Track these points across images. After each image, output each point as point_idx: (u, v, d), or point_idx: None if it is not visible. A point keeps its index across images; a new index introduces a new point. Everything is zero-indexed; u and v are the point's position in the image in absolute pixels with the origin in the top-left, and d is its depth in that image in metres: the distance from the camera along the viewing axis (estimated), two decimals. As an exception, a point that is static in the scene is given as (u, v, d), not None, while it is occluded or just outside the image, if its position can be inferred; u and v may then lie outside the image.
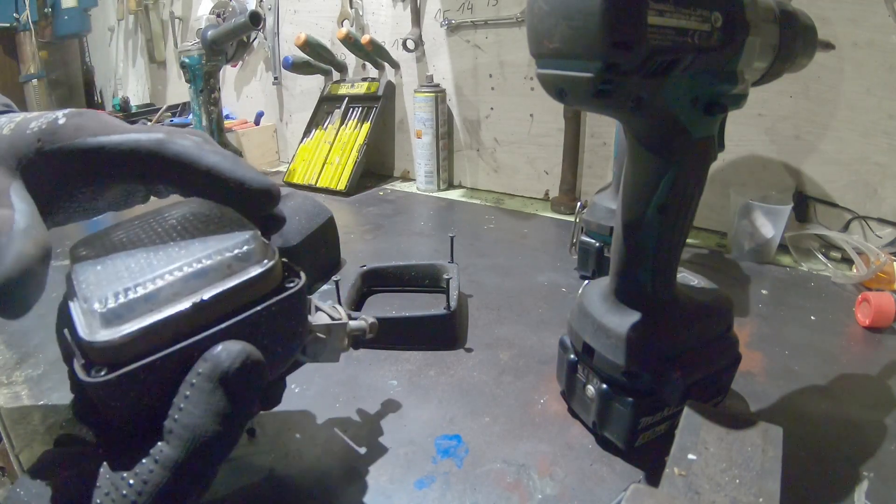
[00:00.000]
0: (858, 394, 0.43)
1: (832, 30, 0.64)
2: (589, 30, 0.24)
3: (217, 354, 0.23)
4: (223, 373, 0.23)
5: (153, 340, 0.23)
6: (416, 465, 0.36)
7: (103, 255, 0.28)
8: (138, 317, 0.23)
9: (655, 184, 0.32)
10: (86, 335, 0.23)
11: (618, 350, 0.34)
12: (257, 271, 0.26)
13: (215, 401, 0.23)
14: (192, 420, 0.22)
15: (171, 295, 0.24)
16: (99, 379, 0.22)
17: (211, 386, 0.23)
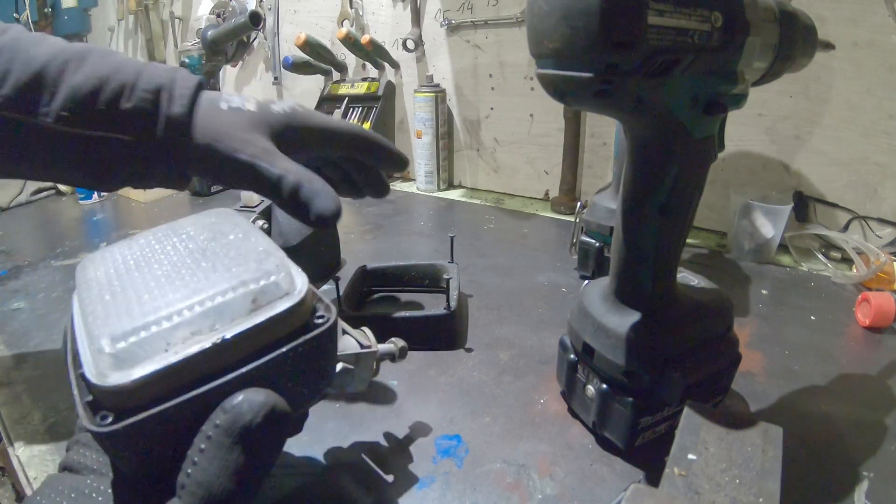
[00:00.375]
0: (858, 394, 0.43)
1: (832, 30, 0.64)
2: (589, 30, 0.24)
3: (238, 406, 0.21)
4: (244, 427, 0.21)
5: (168, 384, 0.21)
6: (417, 465, 0.36)
7: (113, 280, 0.25)
8: (152, 358, 0.21)
9: (655, 184, 0.32)
10: (93, 376, 0.21)
11: (618, 350, 0.34)
12: (285, 306, 0.23)
13: (233, 458, 0.20)
14: (207, 477, 0.20)
15: (188, 333, 0.22)
16: (105, 429, 0.20)
17: (229, 441, 0.20)
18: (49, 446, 0.39)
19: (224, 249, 0.26)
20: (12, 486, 0.39)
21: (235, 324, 0.22)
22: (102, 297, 0.24)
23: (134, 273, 0.25)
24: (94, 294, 0.24)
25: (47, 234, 0.88)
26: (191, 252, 0.26)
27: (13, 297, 0.63)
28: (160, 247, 0.27)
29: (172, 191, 0.49)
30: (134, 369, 0.20)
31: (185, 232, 0.28)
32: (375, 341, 0.32)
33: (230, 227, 0.28)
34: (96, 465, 0.24)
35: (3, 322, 0.57)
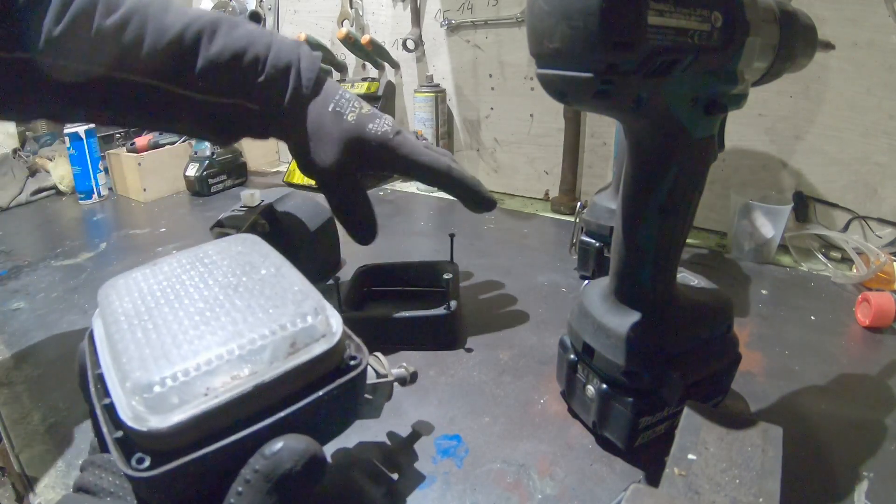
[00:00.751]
0: (858, 394, 0.43)
1: (832, 30, 0.64)
2: (589, 30, 0.24)
3: (278, 453, 0.21)
4: (283, 475, 0.21)
5: (206, 428, 0.21)
6: (417, 465, 0.36)
7: (143, 314, 0.25)
8: (190, 402, 0.21)
9: (655, 184, 0.32)
10: (129, 419, 0.20)
11: (618, 350, 0.34)
12: (322, 349, 0.24)
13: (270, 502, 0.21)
14: None
15: (228, 378, 0.22)
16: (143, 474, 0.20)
17: (268, 486, 0.21)
18: (49, 446, 0.39)
19: (258, 287, 0.26)
20: (12, 486, 0.40)
21: (274, 367, 0.22)
22: (134, 333, 0.23)
23: (164, 308, 0.25)
24: (123, 328, 0.24)
25: (47, 234, 0.88)
26: (223, 288, 0.26)
27: (13, 297, 0.63)
28: (188, 277, 0.27)
29: (172, 191, 0.58)
30: (172, 414, 0.20)
31: (211, 261, 0.28)
32: (389, 368, 0.32)
33: (260, 260, 0.28)
34: (113, 488, 0.24)
35: (3, 322, 0.57)
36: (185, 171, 1.02)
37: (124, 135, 1.25)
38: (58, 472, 0.36)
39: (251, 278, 0.27)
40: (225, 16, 0.42)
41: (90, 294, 0.62)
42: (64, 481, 0.36)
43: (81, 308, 0.59)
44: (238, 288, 0.26)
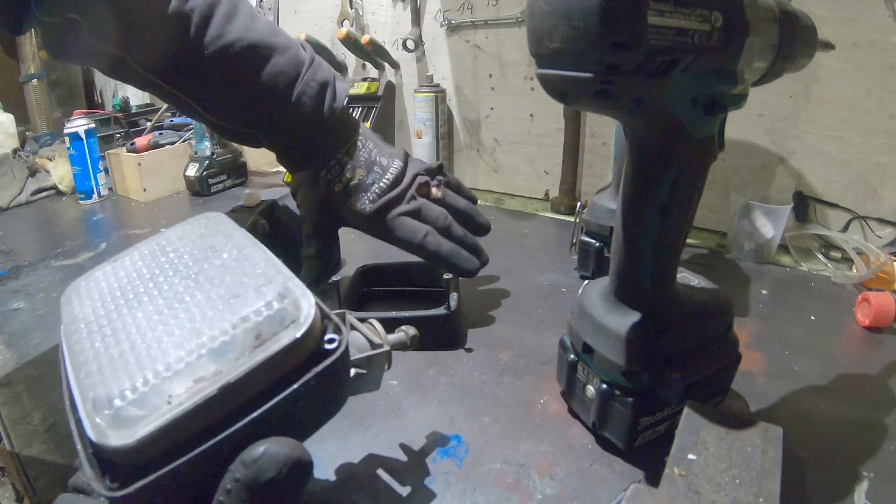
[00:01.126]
0: (858, 394, 0.43)
1: (832, 30, 0.64)
2: (589, 30, 0.24)
3: (259, 460, 0.20)
4: (266, 483, 0.19)
5: (176, 437, 0.20)
6: (417, 464, 0.36)
7: (102, 320, 0.23)
8: (154, 413, 0.19)
9: (655, 184, 0.32)
10: (94, 436, 0.20)
11: (618, 350, 0.34)
12: (291, 337, 0.22)
13: None
14: None
15: (191, 382, 0.20)
16: (115, 493, 0.19)
17: (249, 496, 0.19)
18: (49, 446, 0.39)
19: (219, 274, 0.24)
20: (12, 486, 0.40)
21: (240, 363, 0.21)
22: (93, 343, 0.22)
23: (123, 310, 0.23)
24: (83, 338, 0.23)
25: (47, 234, 0.88)
26: (183, 279, 0.24)
27: (13, 297, 0.63)
28: (148, 271, 0.25)
29: (172, 191, 0.61)
30: (136, 428, 0.19)
31: (173, 249, 0.26)
32: (385, 335, 0.30)
33: (223, 242, 0.26)
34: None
35: (3, 322, 0.57)
36: (185, 171, 1.02)
37: (124, 135, 1.25)
38: (58, 472, 0.36)
39: (212, 265, 0.25)
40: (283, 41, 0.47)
41: (90, 294, 0.62)
42: (64, 481, 0.36)
43: (81, 308, 0.59)
44: (199, 278, 0.24)
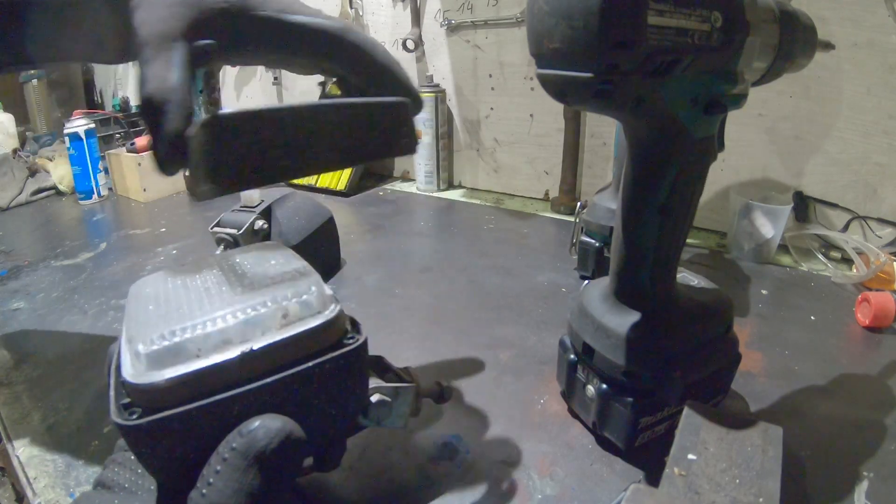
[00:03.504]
0: (858, 394, 0.43)
1: (832, 30, 0.64)
2: (589, 30, 0.24)
3: (254, 431, 0.21)
4: (259, 451, 0.21)
5: (196, 389, 0.22)
6: (416, 464, 0.36)
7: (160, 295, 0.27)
8: (183, 362, 0.22)
9: (655, 184, 0.32)
10: (129, 375, 0.22)
11: (618, 350, 0.34)
12: (315, 323, 0.25)
13: (248, 480, 0.21)
14: (221, 499, 0.20)
15: (220, 342, 0.23)
16: (129, 422, 0.21)
17: (244, 464, 0.21)
18: (49, 446, 0.39)
19: (263, 271, 0.28)
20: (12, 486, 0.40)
21: (265, 337, 0.23)
22: (147, 307, 0.25)
23: (180, 290, 0.27)
24: (140, 305, 0.26)
25: (47, 234, 0.88)
26: (234, 272, 0.28)
27: (13, 297, 0.63)
28: (207, 269, 0.29)
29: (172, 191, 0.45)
30: (165, 370, 0.22)
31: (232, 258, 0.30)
32: (418, 379, 0.32)
33: (273, 254, 0.30)
34: (128, 484, 0.24)
35: (3, 322, 0.57)
36: (184, 172, 1.01)
37: (124, 135, 1.25)
38: (58, 472, 0.36)
39: (261, 266, 0.28)
40: None
41: (90, 294, 0.62)
42: (64, 481, 0.36)
43: (81, 308, 0.59)
44: (246, 274, 0.27)
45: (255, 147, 0.23)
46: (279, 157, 0.24)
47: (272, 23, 0.29)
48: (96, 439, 0.39)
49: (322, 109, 0.25)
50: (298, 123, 0.24)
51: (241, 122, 0.23)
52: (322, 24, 0.30)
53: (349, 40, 0.30)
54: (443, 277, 0.65)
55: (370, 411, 0.29)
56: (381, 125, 0.27)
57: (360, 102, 0.27)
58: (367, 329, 0.28)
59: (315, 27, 0.30)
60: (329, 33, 0.30)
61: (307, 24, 0.30)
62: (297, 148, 0.24)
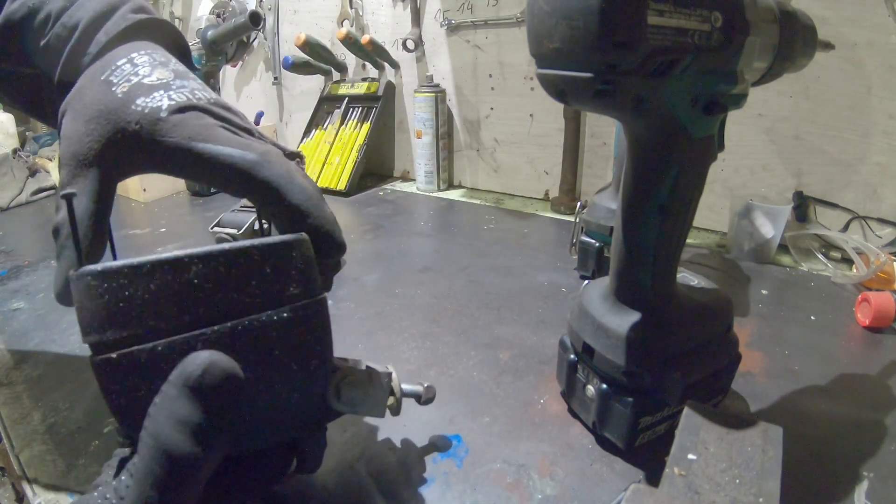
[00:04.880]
0: (858, 394, 0.43)
1: (832, 30, 0.64)
2: (589, 30, 0.24)
3: (188, 360, 0.22)
4: (186, 378, 0.21)
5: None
6: (416, 464, 0.36)
7: None
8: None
9: (655, 184, 0.32)
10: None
11: (618, 350, 0.34)
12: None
13: (178, 408, 0.21)
14: (156, 427, 0.21)
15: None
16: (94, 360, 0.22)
17: (175, 392, 0.21)
18: (49, 446, 0.39)
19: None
20: (12, 486, 0.40)
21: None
22: None
23: None
24: None
25: (47, 234, 0.88)
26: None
27: (13, 297, 0.63)
28: None
29: (172, 191, 0.46)
30: None
31: None
32: (397, 379, 0.32)
33: None
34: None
35: (3, 322, 0.57)
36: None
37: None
38: (58, 472, 0.36)
39: None
40: None
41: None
42: (64, 481, 0.36)
43: (81, 308, 0.59)
44: None
45: (125, 305, 0.22)
46: (148, 315, 0.23)
47: (180, 151, 0.28)
48: (96, 439, 0.39)
49: (184, 261, 0.23)
50: (163, 278, 0.23)
51: (103, 277, 0.22)
52: (230, 157, 0.28)
53: (260, 177, 0.28)
54: (443, 277, 0.65)
55: (342, 393, 0.29)
56: (260, 273, 0.25)
57: (228, 249, 0.24)
58: (368, 329, 0.28)
59: (223, 160, 0.28)
60: (237, 168, 0.28)
61: (215, 156, 0.28)
62: (169, 305, 0.23)
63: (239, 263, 0.24)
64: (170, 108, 0.28)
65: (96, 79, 0.30)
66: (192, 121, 0.29)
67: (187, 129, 0.28)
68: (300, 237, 0.26)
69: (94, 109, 0.29)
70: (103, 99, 0.29)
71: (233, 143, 0.29)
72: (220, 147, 0.28)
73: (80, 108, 0.29)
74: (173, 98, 0.29)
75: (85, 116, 0.29)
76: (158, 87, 0.29)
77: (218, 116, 0.30)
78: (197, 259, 0.23)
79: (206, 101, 0.30)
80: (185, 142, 0.28)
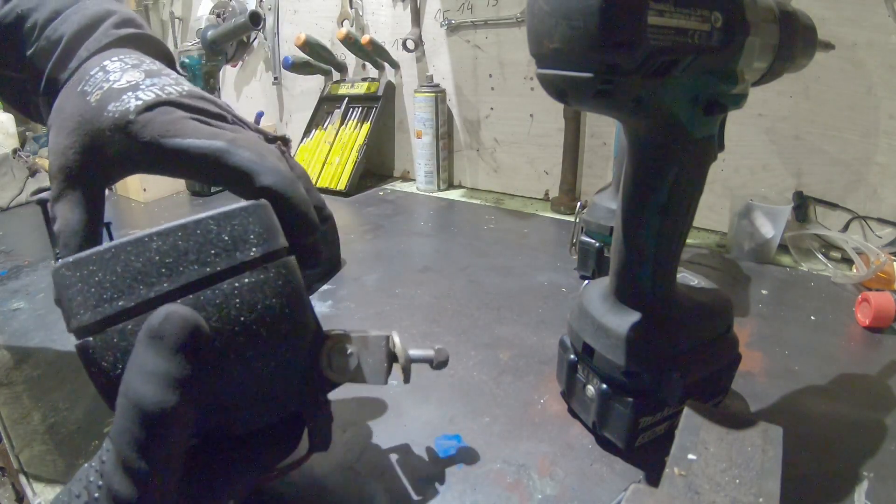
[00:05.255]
0: (858, 394, 0.43)
1: (832, 30, 0.64)
2: (589, 30, 0.24)
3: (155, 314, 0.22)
4: (148, 330, 0.21)
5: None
6: (416, 464, 0.36)
7: None
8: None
9: (655, 184, 0.32)
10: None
11: (618, 350, 0.34)
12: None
13: (144, 361, 0.21)
14: (126, 386, 0.21)
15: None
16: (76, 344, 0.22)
17: (142, 347, 0.21)
18: (49, 446, 0.39)
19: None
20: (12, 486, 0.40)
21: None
22: None
23: None
24: None
25: (47, 234, 0.88)
26: None
27: (13, 297, 0.63)
28: None
29: (172, 191, 0.47)
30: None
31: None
32: (399, 342, 0.30)
33: None
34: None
35: (3, 322, 0.57)
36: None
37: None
38: (58, 472, 0.36)
39: None
40: None
41: (90, 294, 0.62)
42: (64, 481, 0.36)
43: (81, 308, 0.59)
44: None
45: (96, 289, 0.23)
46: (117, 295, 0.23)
47: (151, 148, 0.29)
48: (96, 439, 0.39)
49: (143, 240, 0.23)
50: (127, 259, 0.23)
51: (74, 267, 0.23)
52: (199, 148, 0.29)
53: (230, 164, 0.28)
54: (443, 277, 0.65)
55: (333, 360, 0.28)
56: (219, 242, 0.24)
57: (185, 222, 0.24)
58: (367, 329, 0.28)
59: (192, 152, 0.29)
60: (208, 157, 0.29)
61: (184, 150, 0.29)
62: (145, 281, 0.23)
63: (196, 234, 0.24)
64: (137, 109, 0.29)
65: (73, 91, 0.31)
66: (160, 117, 0.29)
67: (155, 126, 0.29)
68: (258, 203, 0.26)
69: (73, 121, 0.30)
70: (79, 110, 0.30)
71: (201, 134, 0.29)
72: (188, 140, 0.29)
73: (61, 122, 0.31)
74: (140, 98, 0.30)
75: (66, 130, 0.30)
76: (127, 90, 0.30)
77: (189, 108, 0.30)
78: (156, 236, 0.24)
79: (176, 95, 0.31)
80: (155, 139, 0.29)
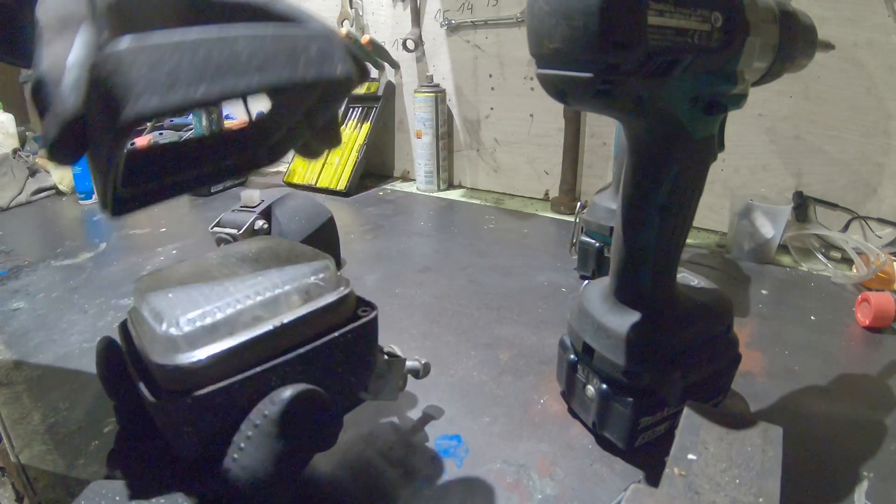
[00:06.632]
0: (858, 394, 0.43)
1: (832, 30, 0.64)
2: (589, 30, 0.24)
3: (284, 397, 0.23)
4: (285, 414, 0.22)
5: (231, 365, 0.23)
6: (416, 465, 0.36)
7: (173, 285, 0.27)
8: (219, 340, 0.23)
9: (655, 184, 0.32)
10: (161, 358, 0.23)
11: (618, 350, 0.34)
12: (334, 297, 0.27)
13: (279, 445, 0.22)
14: (253, 463, 0.22)
15: (250, 319, 0.24)
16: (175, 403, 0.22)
17: (275, 430, 0.22)
18: (49, 446, 0.39)
19: (275, 255, 0.29)
20: (12, 486, 0.39)
21: (293, 312, 0.26)
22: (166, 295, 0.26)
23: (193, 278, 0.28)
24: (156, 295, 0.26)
25: (47, 234, 0.88)
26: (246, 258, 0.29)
27: (13, 297, 0.63)
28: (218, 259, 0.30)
29: None
30: (203, 349, 0.23)
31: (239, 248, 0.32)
32: (409, 363, 0.35)
33: (278, 243, 0.32)
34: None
35: (3, 322, 0.57)
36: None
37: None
38: (58, 472, 0.36)
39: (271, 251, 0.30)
40: None
41: (90, 294, 0.62)
42: (64, 481, 0.36)
43: (81, 308, 0.59)
44: (260, 258, 0.29)
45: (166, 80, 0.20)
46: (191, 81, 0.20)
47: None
48: (96, 439, 0.39)
49: (226, 38, 0.21)
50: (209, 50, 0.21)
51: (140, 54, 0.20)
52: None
53: (275, 12, 0.26)
54: (443, 277, 0.65)
55: (370, 384, 0.31)
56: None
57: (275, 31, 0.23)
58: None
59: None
60: (252, 6, 0.26)
61: None
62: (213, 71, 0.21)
63: (286, 40, 0.23)
64: None
65: None
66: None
67: None
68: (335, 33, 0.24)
69: None
70: None
71: None
72: None
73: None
74: None
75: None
76: None
77: None
78: (241, 37, 0.22)
79: None
80: None
